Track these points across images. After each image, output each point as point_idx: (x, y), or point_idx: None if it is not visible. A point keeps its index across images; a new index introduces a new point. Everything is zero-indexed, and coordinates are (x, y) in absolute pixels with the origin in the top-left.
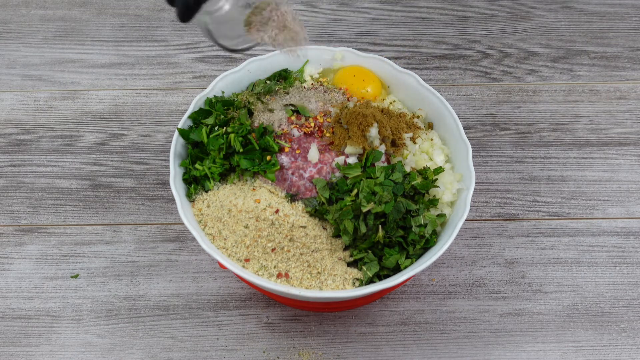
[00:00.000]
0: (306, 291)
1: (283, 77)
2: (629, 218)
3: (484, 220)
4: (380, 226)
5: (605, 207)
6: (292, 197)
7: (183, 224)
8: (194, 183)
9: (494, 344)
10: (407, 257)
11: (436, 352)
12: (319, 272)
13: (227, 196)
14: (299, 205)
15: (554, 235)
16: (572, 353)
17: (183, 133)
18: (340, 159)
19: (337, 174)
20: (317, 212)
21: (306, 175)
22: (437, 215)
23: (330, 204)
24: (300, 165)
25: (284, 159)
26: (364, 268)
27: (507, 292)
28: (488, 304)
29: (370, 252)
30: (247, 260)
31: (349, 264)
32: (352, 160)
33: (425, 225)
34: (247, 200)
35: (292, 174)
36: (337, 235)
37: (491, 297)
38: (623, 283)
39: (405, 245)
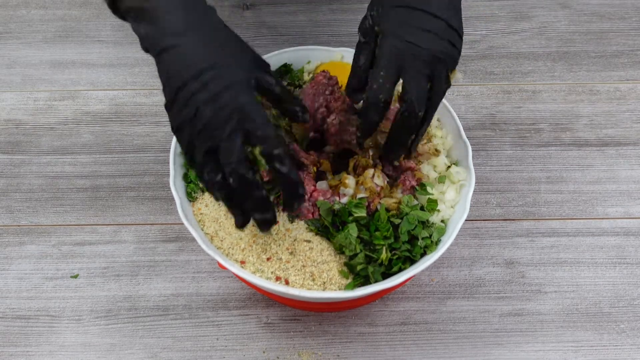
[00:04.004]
0: (306, 292)
1: (283, 72)
2: (629, 218)
3: (483, 220)
4: (384, 248)
5: (605, 207)
6: (292, 218)
7: (183, 224)
8: (192, 183)
9: (493, 344)
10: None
11: (436, 352)
12: (324, 282)
13: None
14: (302, 224)
15: (554, 235)
16: (572, 353)
17: None
18: (347, 191)
19: (344, 200)
20: (321, 232)
21: (309, 198)
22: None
23: (334, 227)
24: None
25: None
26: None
27: (507, 292)
28: (488, 304)
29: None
30: (242, 262)
31: None
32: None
33: (430, 236)
34: None
35: None
36: (342, 252)
37: (491, 297)
38: (623, 283)
39: (412, 257)
